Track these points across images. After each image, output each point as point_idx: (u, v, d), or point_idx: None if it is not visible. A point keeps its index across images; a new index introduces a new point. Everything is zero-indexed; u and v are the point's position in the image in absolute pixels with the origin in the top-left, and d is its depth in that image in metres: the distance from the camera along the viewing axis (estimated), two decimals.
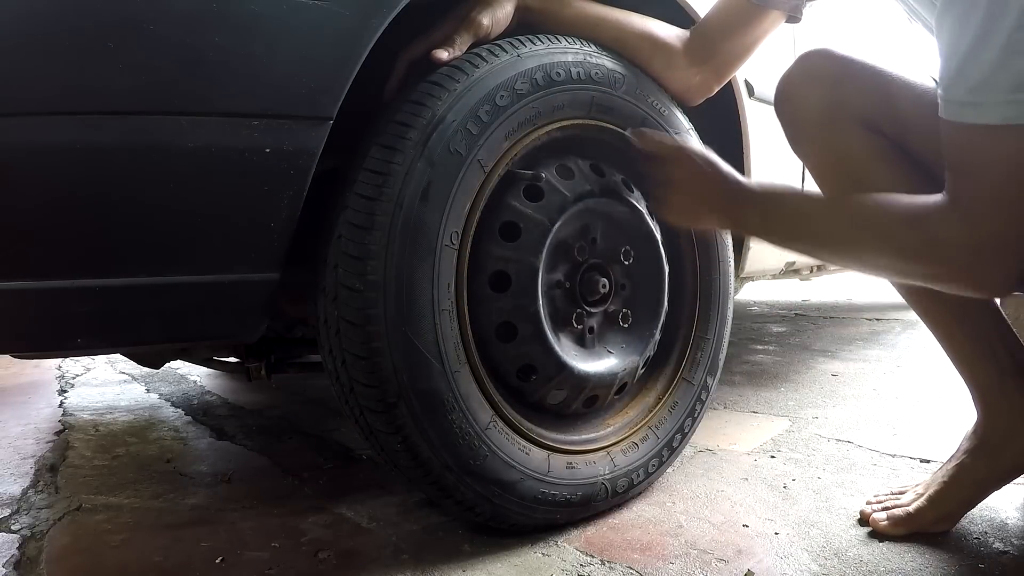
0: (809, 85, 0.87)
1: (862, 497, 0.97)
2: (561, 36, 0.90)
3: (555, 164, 0.91)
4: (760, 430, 1.32)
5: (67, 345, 0.71)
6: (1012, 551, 0.82)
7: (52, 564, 0.85)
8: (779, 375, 1.80)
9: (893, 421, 1.36)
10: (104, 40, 0.61)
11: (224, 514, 0.99)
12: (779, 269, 1.61)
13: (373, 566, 0.82)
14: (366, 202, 0.75)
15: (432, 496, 0.85)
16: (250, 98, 0.67)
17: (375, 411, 0.78)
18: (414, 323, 0.76)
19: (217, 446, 1.33)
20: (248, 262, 0.72)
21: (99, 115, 0.62)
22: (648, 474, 0.98)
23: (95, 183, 0.63)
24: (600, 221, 0.94)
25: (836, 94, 0.85)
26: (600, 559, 0.83)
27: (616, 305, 0.97)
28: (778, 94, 0.91)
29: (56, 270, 0.65)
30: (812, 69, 0.88)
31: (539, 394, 0.90)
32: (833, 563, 0.80)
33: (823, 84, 0.86)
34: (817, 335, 2.43)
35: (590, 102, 0.91)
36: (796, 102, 0.89)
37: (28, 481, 1.13)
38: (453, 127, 0.78)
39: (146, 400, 1.71)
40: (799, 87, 0.88)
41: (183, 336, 0.74)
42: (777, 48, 1.42)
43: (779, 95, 0.91)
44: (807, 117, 0.88)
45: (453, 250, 0.80)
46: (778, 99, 0.91)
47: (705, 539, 0.87)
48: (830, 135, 0.85)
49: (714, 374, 1.09)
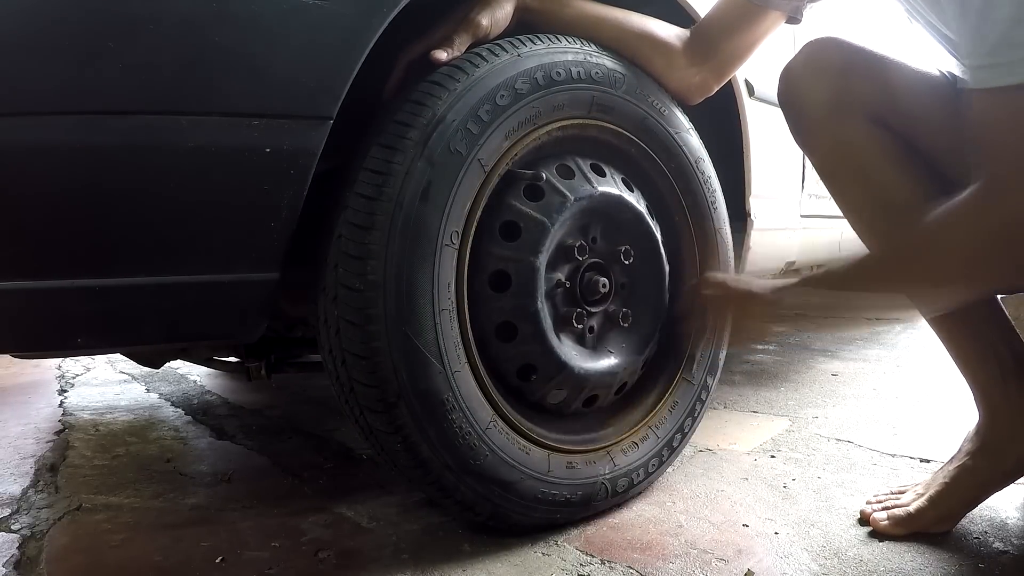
0: (815, 76, 0.84)
1: (862, 497, 0.97)
2: (561, 36, 0.90)
3: (555, 164, 0.91)
4: (760, 430, 1.32)
5: (67, 345, 0.71)
6: (1012, 551, 0.82)
7: (52, 564, 0.85)
8: (779, 375, 1.80)
9: (893, 421, 1.36)
10: (104, 40, 0.61)
11: (224, 514, 0.99)
12: (779, 269, 1.61)
13: (373, 566, 0.82)
14: (366, 202, 0.75)
15: (432, 496, 0.85)
16: (250, 98, 0.67)
17: (375, 411, 0.78)
18: (414, 323, 0.76)
19: (217, 446, 1.33)
20: (248, 262, 0.72)
21: (99, 115, 0.62)
22: (648, 474, 0.98)
23: (95, 183, 0.63)
24: (600, 221, 0.94)
25: (843, 86, 0.82)
26: (600, 559, 0.83)
27: (616, 305, 0.97)
28: (782, 83, 0.89)
29: (56, 270, 0.65)
30: (819, 59, 0.85)
31: (539, 394, 0.90)
32: (833, 563, 0.80)
33: (830, 75, 0.83)
34: (817, 335, 2.43)
35: (590, 101, 0.91)
36: (801, 93, 0.86)
37: (28, 481, 1.13)
38: (453, 127, 0.78)
39: (146, 400, 1.71)
40: (805, 77, 0.86)
41: (183, 336, 0.74)
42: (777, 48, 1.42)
43: (783, 85, 0.89)
44: (812, 109, 0.85)
45: (453, 250, 0.80)
46: (782, 89, 0.89)
47: (705, 539, 0.87)
48: (836, 128, 0.83)
49: (714, 374, 1.09)
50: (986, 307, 0.85)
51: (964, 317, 0.86)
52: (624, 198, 0.94)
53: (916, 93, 0.81)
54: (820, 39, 0.86)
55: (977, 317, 0.85)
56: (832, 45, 0.85)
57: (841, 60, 0.84)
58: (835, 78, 0.83)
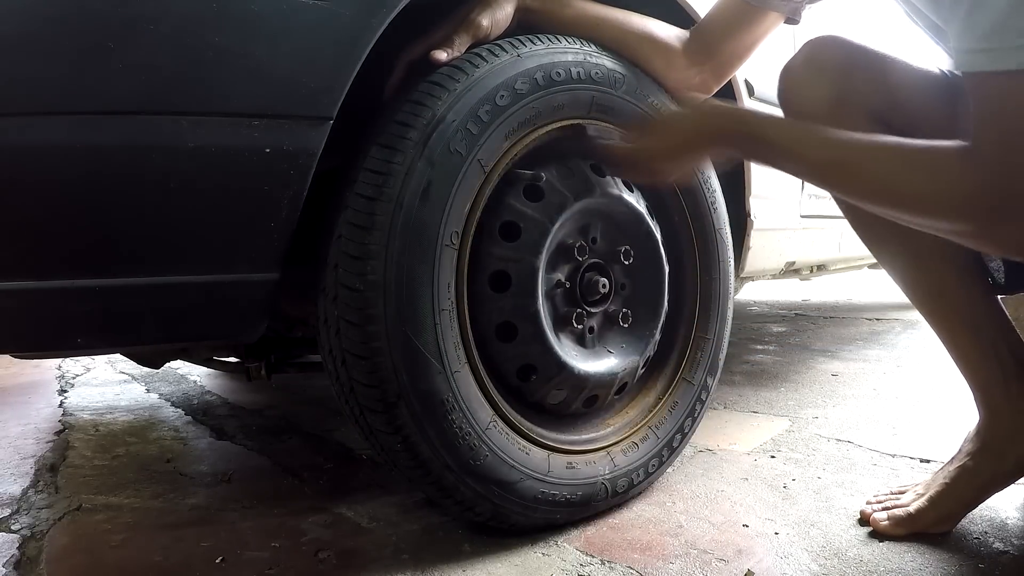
0: (816, 75, 0.84)
1: (862, 497, 0.97)
2: (561, 36, 0.90)
3: (555, 164, 0.90)
4: (760, 430, 1.32)
5: (67, 345, 0.71)
6: (1012, 551, 0.82)
7: (52, 564, 0.85)
8: (779, 375, 1.80)
9: (893, 421, 1.36)
10: (104, 40, 0.61)
11: (224, 514, 0.99)
12: (779, 269, 1.61)
13: (373, 566, 0.82)
14: (366, 202, 0.75)
15: (432, 496, 0.85)
16: (250, 98, 0.67)
17: (375, 411, 0.78)
18: (414, 323, 0.76)
19: (217, 446, 1.33)
20: (248, 262, 0.72)
21: (99, 115, 0.62)
22: (648, 474, 0.98)
23: (95, 183, 0.63)
24: (600, 221, 0.94)
25: (844, 85, 0.82)
26: (600, 559, 0.83)
27: (616, 305, 0.97)
28: (782, 83, 0.88)
29: (56, 270, 0.65)
30: (819, 58, 0.84)
31: (539, 394, 0.90)
32: (833, 563, 0.80)
33: (830, 74, 0.83)
34: (817, 335, 2.43)
35: (590, 102, 0.91)
36: (802, 92, 0.85)
37: (28, 481, 1.13)
38: (453, 127, 0.78)
39: (146, 400, 1.71)
40: (805, 76, 0.85)
41: (183, 336, 0.74)
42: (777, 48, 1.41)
43: (783, 84, 0.88)
44: (813, 109, 0.84)
45: (453, 250, 0.80)
46: (782, 88, 0.88)
47: (705, 539, 0.87)
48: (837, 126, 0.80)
49: (714, 374, 1.09)
50: (986, 307, 0.85)
51: (964, 317, 0.86)
52: (624, 198, 0.94)
53: (916, 91, 0.81)
54: (820, 37, 0.86)
55: (977, 317, 0.85)
56: (832, 43, 0.85)
57: (841, 58, 0.83)
58: (835, 76, 0.82)
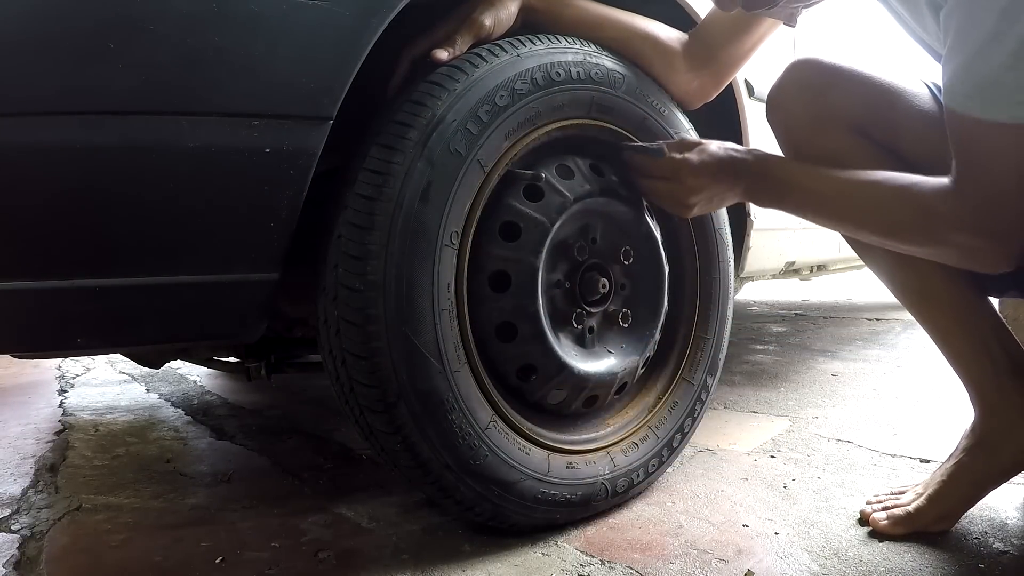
0: (797, 95, 0.90)
1: (862, 497, 0.97)
2: (561, 36, 0.90)
3: (555, 164, 0.91)
4: (760, 430, 1.32)
5: (67, 345, 0.71)
6: (1012, 551, 0.82)
7: (52, 564, 0.85)
8: (779, 375, 1.80)
9: (893, 421, 1.36)
10: (104, 40, 0.61)
11: (224, 514, 0.99)
12: (779, 269, 1.61)
13: (373, 566, 0.82)
14: (366, 202, 0.75)
15: (432, 496, 0.85)
16: (250, 98, 0.67)
17: (375, 411, 0.78)
18: (414, 323, 0.76)
19: (217, 446, 1.33)
20: (248, 262, 0.72)
21: (99, 115, 0.62)
22: (648, 474, 0.98)
23: (95, 183, 0.63)
24: (600, 221, 0.94)
25: (823, 102, 0.87)
26: (600, 559, 0.83)
27: (616, 305, 0.97)
28: (769, 105, 0.94)
29: (56, 270, 0.65)
30: (799, 79, 0.90)
31: (539, 394, 0.90)
32: (833, 563, 0.80)
33: (810, 93, 0.88)
34: (817, 335, 2.43)
35: (590, 102, 0.91)
36: (786, 110, 0.91)
37: (28, 481, 1.13)
38: (453, 127, 0.78)
39: (146, 400, 1.71)
40: (787, 97, 0.91)
41: (183, 336, 0.74)
42: (777, 49, 1.42)
43: (769, 104, 0.94)
44: (797, 125, 0.90)
45: (453, 250, 0.80)
46: (769, 108, 0.94)
47: (705, 539, 0.87)
48: (821, 142, 0.87)
49: (714, 374, 1.09)
50: (975, 305, 0.87)
51: (957, 316, 0.87)
52: (624, 198, 0.94)
53: (895, 104, 0.86)
54: (799, 60, 0.92)
55: (967, 315, 0.86)
56: (810, 65, 0.90)
57: (820, 78, 0.88)
58: (815, 95, 0.88)
